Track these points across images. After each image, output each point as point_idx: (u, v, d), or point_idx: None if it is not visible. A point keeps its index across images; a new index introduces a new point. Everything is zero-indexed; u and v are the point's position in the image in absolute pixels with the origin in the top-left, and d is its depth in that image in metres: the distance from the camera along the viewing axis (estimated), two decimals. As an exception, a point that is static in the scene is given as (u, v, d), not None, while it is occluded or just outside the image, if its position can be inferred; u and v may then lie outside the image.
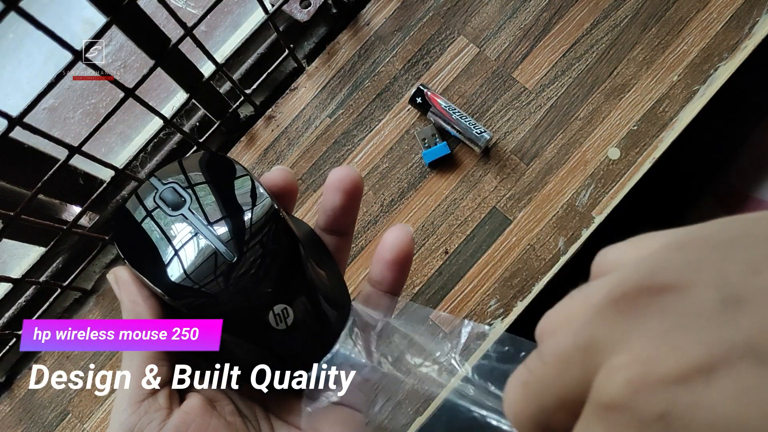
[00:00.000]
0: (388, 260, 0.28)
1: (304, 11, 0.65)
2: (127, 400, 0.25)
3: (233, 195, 0.27)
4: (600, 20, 0.66)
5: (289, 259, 0.26)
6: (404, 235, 0.28)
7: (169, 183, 0.28)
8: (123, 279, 0.27)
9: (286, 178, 0.29)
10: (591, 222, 0.62)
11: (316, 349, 0.27)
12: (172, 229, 0.26)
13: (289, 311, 0.25)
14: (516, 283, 0.61)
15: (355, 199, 0.28)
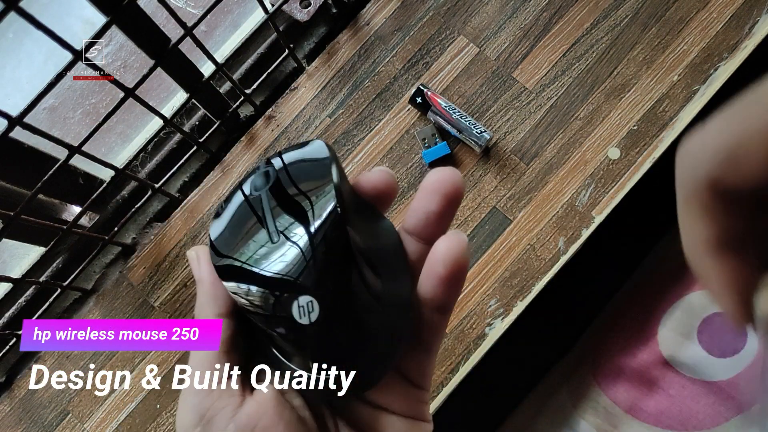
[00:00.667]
0: (441, 276, 0.24)
1: (304, 11, 0.65)
2: (199, 386, 0.25)
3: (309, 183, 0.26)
4: (600, 20, 0.66)
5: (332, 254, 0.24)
6: (459, 245, 0.24)
7: (268, 166, 0.27)
8: (204, 257, 0.27)
9: (386, 181, 0.27)
10: (591, 222, 0.62)
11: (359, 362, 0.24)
12: (242, 209, 0.27)
13: (314, 305, 0.24)
14: (516, 283, 0.61)
15: (454, 205, 0.25)
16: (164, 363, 0.64)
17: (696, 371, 0.62)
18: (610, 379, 0.66)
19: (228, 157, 0.67)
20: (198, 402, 0.24)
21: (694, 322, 0.64)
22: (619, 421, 0.64)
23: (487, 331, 0.61)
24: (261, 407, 0.24)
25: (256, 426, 0.24)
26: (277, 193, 0.26)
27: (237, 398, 0.25)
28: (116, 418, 0.63)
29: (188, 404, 0.25)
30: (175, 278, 0.65)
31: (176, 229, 0.66)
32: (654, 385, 0.64)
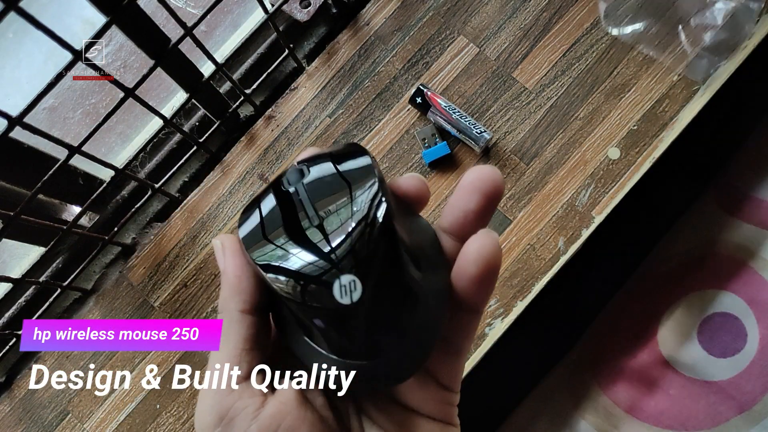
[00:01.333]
0: (473, 275, 0.24)
1: (304, 11, 0.65)
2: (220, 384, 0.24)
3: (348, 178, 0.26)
4: (600, 20, 0.65)
5: (377, 239, 0.23)
6: (491, 244, 0.23)
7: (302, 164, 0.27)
8: (230, 247, 0.26)
9: (419, 188, 0.26)
10: (591, 222, 0.62)
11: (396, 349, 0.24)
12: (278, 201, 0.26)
13: (357, 284, 0.23)
14: (516, 283, 0.61)
15: (493, 204, 0.25)
16: (164, 363, 0.64)
17: (696, 371, 0.62)
18: (610, 379, 0.66)
19: (228, 157, 0.67)
20: (218, 402, 0.24)
21: (694, 322, 0.64)
22: (619, 421, 0.64)
23: (486, 331, 0.61)
24: (284, 407, 0.24)
25: (279, 427, 0.23)
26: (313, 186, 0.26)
27: (259, 398, 0.24)
28: (116, 418, 0.63)
29: (208, 404, 0.24)
30: (175, 278, 0.65)
31: (176, 229, 0.66)
32: (654, 385, 0.64)
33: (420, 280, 0.24)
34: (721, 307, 0.63)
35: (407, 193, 0.26)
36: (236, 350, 0.24)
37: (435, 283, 0.25)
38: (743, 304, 0.62)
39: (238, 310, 0.25)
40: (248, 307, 0.25)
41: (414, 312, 0.24)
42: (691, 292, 0.65)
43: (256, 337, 0.25)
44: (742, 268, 0.63)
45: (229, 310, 0.25)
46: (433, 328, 0.24)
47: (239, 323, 0.25)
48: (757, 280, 0.62)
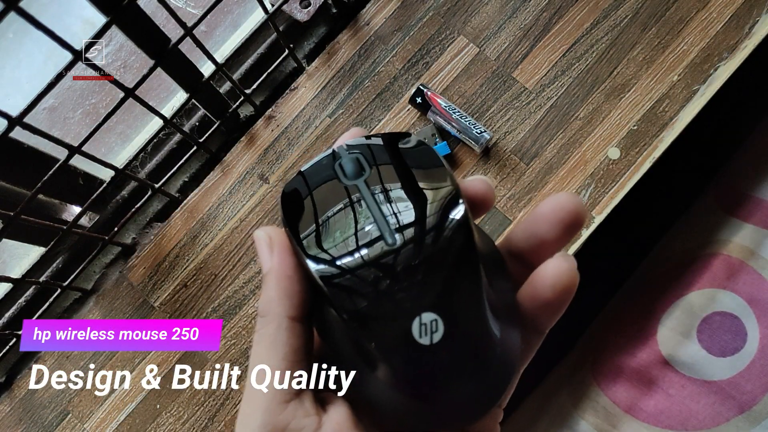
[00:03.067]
0: (549, 300, 0.22)
1: (304, 11, 0.65)
2: (271, 398, 0.21)
3: (420, 180, 0.23)
4: (600, 20, 0.66)
5: (459, 267, 0.21)
6: (569, 270, 0.22)
7: (355, 152, 0.24)
8: (281, 243, 0.23)
9: (486, 192, 0.24)
10: (591, 222, 0.62)
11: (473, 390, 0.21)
12: (340, 199, 0.23)
13: (439, 324, 0.20)
14: (516, 283, 0.61)
15: (572, 235, 0.23)
16: (164, 363, 0.64)
17: (695, 371, 0.62)
18: (609, 378, 0.66)
19: (228, 157, 0.67)
20: (269, 421, 0.21)
21: (694, 321, 0.64)
22: (618, 421, 0.64)
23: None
24: (340, 428, 0.22)
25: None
26: (379, 185, 0.23)
27: (314, 417, 0.21)
28: (116, 419, 0.63)
29: (258, 421, 0.21)
30: (175, 278, 0.65)
31: (176, 229, 0.66)
32: (653, 385, 0.64)
33: (498, 310, 0.22)
34: (721, 307, 0.63)
35: (473, 199, 0.24)
36: (287, 362, 0.22)
37: (510, 312, 0.23)
38: (743, 304, 0.62)
39: (287, 317, 0.22)
40: (299, 314, 0.23)
41: (493, 348, 0.21)
42: (691, 292, 0.65)
43: (306, 348, 0.23)
44: (742, 267, 0.63)
45: (277, 315, 0.22)
46: (510, 362, 0.22)
47: (289, 331, 0.22)
48: (757, 279, 0.62)
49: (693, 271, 0.65)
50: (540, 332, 0.24)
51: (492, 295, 0.22)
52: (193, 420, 0.62)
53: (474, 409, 0.22)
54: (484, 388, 0.22)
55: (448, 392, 0.21)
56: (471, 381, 0.21)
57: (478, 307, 0.21)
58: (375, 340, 0.21)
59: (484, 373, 0.21)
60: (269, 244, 0.23)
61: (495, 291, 0.22)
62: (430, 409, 0.21)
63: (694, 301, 0.64)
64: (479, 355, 0.21)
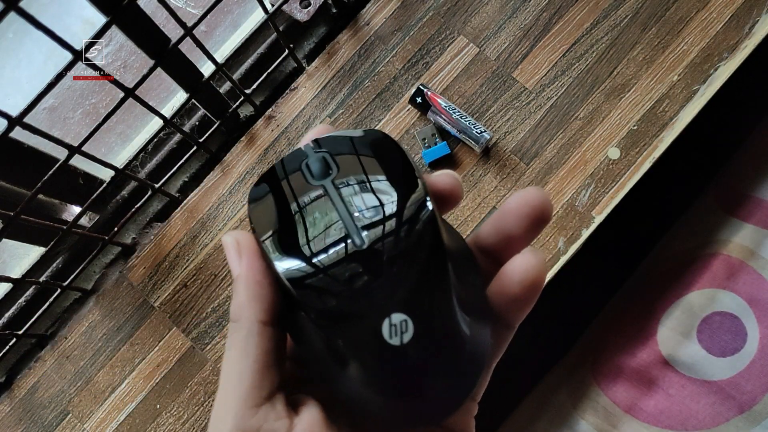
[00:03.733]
0: (516, 295, 0.22)
1: (304, 11, 0.65)
2: (242, 402, 0.21)
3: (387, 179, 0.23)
4: (600, 20, 0.66)
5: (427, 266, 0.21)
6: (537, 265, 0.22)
7: (320, 151, 0.24)
8: (248, 248, 0.23)
9: (453, 186, 0.24)
10: (591, 222, 0.62)
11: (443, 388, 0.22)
12: (307, 200, 0.23)
13: (409, 325, 0.20)
14: (516, 283, 0.61)
15: (538, 230, 0.23)
16: (164, 363, 0.64)
17: (696, 371, 0.62)
18: (609, 378, 0.66)
19: (228, 157, 0.67)
20: (241, 424, 0.21)
21: (694, 321, 0.64)
22: (618, 421, 0.64)
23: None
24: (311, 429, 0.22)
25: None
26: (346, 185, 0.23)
27: (285, 420, 0.21)
28: (116, 419, 0.63)
29: (229, 425, 0.21)
30: (175, 278, 0.65)
31: (176, 229, 0.66)
32: (653, 385, 0.64)
33: (467, 307, 0.22)
34: (721, 307, 0.63)
35: (441, 193, 0.24)
36: (258, 365, 0.22)
37: (479, 308, 0.23)
38: (743, 304, 0.62)
39: (258, 320, 0.22)
40: (269, 318, 0.22)
41: (463, 346, 0.22)
42: (691, 292, 0.65)
43: (277, 351, 0.23)
44: (742, 267, 0.63)
45: (247, 320, 0.22)
46: (480, 358, 0.22)
47: (260, 335, 0.22)
48: (757, 279, 0.62)
49: (693, 271, 0.65)
50: (510, 327, 0.24)
51: (461, 292, 0.22)
52: (193, 420, 0.62)
53: (445, 406, 0.22)
54: (455, 384, 0.22)
55: (420, 391, 0.21)
56: (442, 379, 0.21)
57: (446, 306, 0.21)
58: (346, 342, 0.21)
59: (455, 370, 0.21)
60: (237, 249, 0.23)
61: (464, 288, 0.22)
62: (402, 408, 0.22)
63: (694, 301, 0.64)
64: (449, 352, 0.21)
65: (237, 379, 0.22)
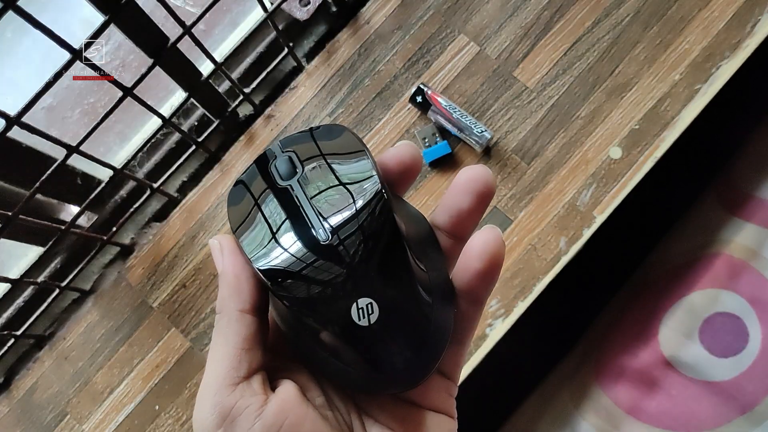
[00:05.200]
0: (478, 270, 0.25)
1: (303, 9, 0.65)
2: (221, 382, 0.24)
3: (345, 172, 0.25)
4: (601, 18, 0.65)
5: (385, 250, 0.24)
6: (495, 239, 0.24)
7: (287, 152, 0.26)
8: (228, 248, 0.26)
9: (412, 155, 0.26)
10: (592, 222, 0.62)
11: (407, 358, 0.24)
12: (276, 200, 0.25)
13: (374, 307, 0.23)
14: (517, 284, 0.61)
15: (485, 203, 0.25)
16: (163, 364, 0.63)
17: (697, 371, 0.62)
18: (611, 379, 0.66)
19: (227, 157, 0.67)
20: (219, 402, 0.23)
21: (696, 322, 0.63)
22: (620, 422, 0.64)
23: (487, 331, 0.61)
24: (286, 405, 0.24)
25: (283, 424, 0.23)
26: (310, 184, 0.25)
27: (261, 396, 0.24)
28: (114, 420, 0.63)
29: (208, 404, 0.24)
30: (174, 278, 0.65)
31: (175, 229, 0.66)
32: (655, 386, 0.63)
33: (429, 284, 0.25)
34: (723, 307, 0.62)
35: (402, 163, 0.26)
36: (236, 350, 0.24)
37: (441, 285, 0.25)
38: (745, 304, 0.61)
39: (237, 310, 0.25)
40: (248, 307, 0.25)
41: (427, 322, 0.24)
42: (693, 292, 0.64)
43: (256, 336, 0.25)
44: (744, 267, 0.63)
45: (228, 310, 0.25)
46: (443, 331, 0.25)
47: (239, 323, 0.25)
48: (759, 279, 0.62)
49: (695, 271, 0.65)
50: (478, 302, 0.26)
51: (422, 273, 0.25)
52: (192, 421, 0.62)
53: (413, 376, 0.24)
54: (421, 357, 0.24)
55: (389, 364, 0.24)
56: (408, 352, 0.24)
57: (407, 287, 0.24)
58: (322, 326, 0.24)
59: (419, 344, 0.24)
60: (220, 250, 0.26)
61: (427, 267, 0.25)
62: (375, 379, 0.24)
63: (696, 302, 0.64)
64: (413, 328, 0.24)
65: (218, 362, 0.24)
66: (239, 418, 0.23)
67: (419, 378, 0.25)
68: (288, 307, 0.24)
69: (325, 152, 0.26)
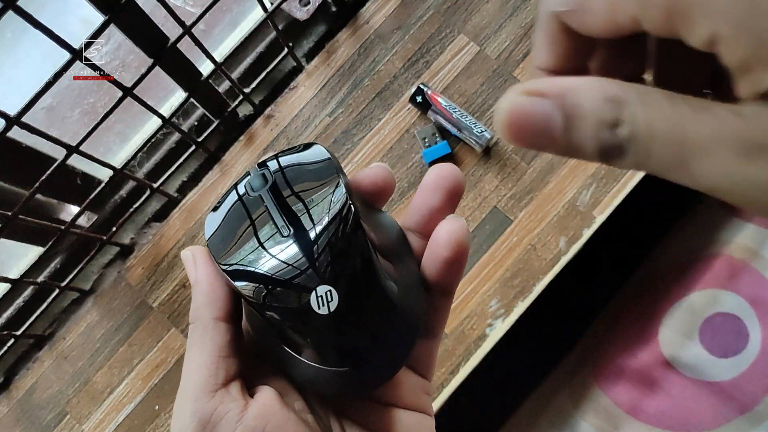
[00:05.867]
0: (446, 258, 0.25)
1: (303, 9, 0.65)
2: (199, 390, 0.24)
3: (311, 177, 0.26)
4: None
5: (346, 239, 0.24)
6: (460, 227, 0.25)
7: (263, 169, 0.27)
8: (201, 258, 0.26)
9: (384, 177, 0.27)
10: (592, 222, 0.62)
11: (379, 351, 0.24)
12: (245, 208, 0.26)
13: (333, 294, 0.23)
14: (517, 284, 0.61)
15: (455, 200, 0.26)
16: (163, 364, 0.63)
17: (697, 372, 0.62)
18: (610, 379, 0.66)
19: (227, 157, 0.67)
20: (198, 408, 0.23)
21: (696, 322, 0.63)
22: (620, 422, 0.64)
23: (487, 331, 0.61)
24: (266, 410, 0.24)
25: (264, 429, 0.23)
26: (279, 191, 0.26)
27: (240, 402, 0.24)
28: (114, 420, 0.63)
29: (188, 411, 0.23)
30: (174, 278, 0.65)
31: (175, 229, 0.66)
32: (655, 386, 0.63)
33: (395, 280, 0.25)
34: (723, 307, 0.62)
35: (374, 183, 0.27)
36: (213, 357, 0.24)
37: (410, 280, 0.26)
38: (745, 304, 0.61)
39: (212, 318, 0.25)
40: (222, 315, 0.25)
41: (393, 314, 0.24)
42: (693, 292, 0.64)
43: (232, 344, 0.25)
44: (745, 268, 0.63)
45: (203, 318, 0.25)
46: (413, 326, 0.25)
47: (214, 331, 0.25)
48: (759, 280, 0.62)
49: (695, 271, 0.65)
50: (448, 293, 0.27)
51: (387, 263, 0.25)
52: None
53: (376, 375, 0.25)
54: (388, 352, 0.24)
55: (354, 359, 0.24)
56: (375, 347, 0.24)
57: (369, 276, 0.24)
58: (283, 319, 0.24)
59: (387, 338, 0.24)
60: (193, 260, 0.26)
61: (394, 262, 0.25)
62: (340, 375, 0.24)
63: (696, 302, 0.64)
64: (378, 320, 0.24)
65: (195, 371, 0.24)
66: (220, 423, 0.23)
67: (386, 376, 0.25)
68: (251, 303, 0.24)
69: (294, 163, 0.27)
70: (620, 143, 0.17)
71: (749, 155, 0.15)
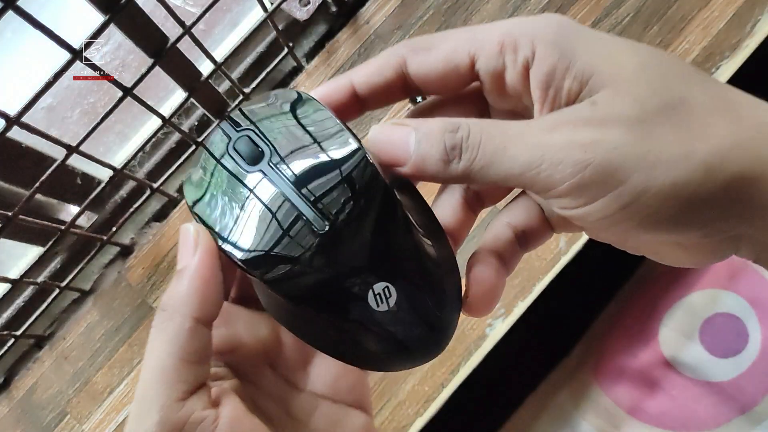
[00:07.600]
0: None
1: (303, 9, 0.65)
2: (167, 395, 0.21)
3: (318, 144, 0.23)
4: (601, 18, 0.65)
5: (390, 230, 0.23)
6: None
7: (243, 130, 0.24)
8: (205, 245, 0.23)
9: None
10: (592, 222, 0.61)
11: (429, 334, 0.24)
12: (251, 190, 0.23)
13: (391, 290, 0.22)
14: (517, 284, 0.61)
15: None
16: (163, 364, 0.63)
17: (698, 372, 0.62)
18: (611, 379, 0.66)
19: (227, 157, 0.67)
20: (168, 418, 0.21)
21: (696, 322, 0.63)
22: (620, 422, 0.64)
23: (487, 331, 0.61)
24: (237, 417, 0.23)
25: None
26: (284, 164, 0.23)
27: (212, 410, 0.22)
28: (115, 420, 0.63)
29: (154, 419, 0.21)
30: (174, 278, 0.65)
31: (175, 229, 0.66)
32: (655, 386, 0.63)
33: (435, 254, 0.24)
34: (723, 308, 0.62)
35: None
36: (184, 363, 0.22)
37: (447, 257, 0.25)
38: (745, 305, 0.62)
39: (193, 317, 0.22)
40: (205, 317, 0.23)
41: (442, 294, 0.24)
42: (693, 292, 0.64)
43: (207, 350, 0.23)
44: (745, 268, 0.63)
45: (182, 315, 0.22)
46: (456, 301, 0.25)
47: (192, 332, 0.22)
48: (759, 280, 0.62)
49: (695, 271, 0.65)
50: None
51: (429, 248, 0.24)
52: None
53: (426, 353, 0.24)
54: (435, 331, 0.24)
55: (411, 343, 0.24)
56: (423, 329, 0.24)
57: (418, 261, 0.23)
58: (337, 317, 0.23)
59: (435, 319, 0.24)
60: (195, 242, 0.23)
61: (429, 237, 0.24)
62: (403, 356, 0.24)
63: (696, 302, 0.64)
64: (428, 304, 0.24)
65: (162, 372, 0.22)
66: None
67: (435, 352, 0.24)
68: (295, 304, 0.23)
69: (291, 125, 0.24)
70: (458, 143, 0.22)
71: (551, 131, 0.22)
